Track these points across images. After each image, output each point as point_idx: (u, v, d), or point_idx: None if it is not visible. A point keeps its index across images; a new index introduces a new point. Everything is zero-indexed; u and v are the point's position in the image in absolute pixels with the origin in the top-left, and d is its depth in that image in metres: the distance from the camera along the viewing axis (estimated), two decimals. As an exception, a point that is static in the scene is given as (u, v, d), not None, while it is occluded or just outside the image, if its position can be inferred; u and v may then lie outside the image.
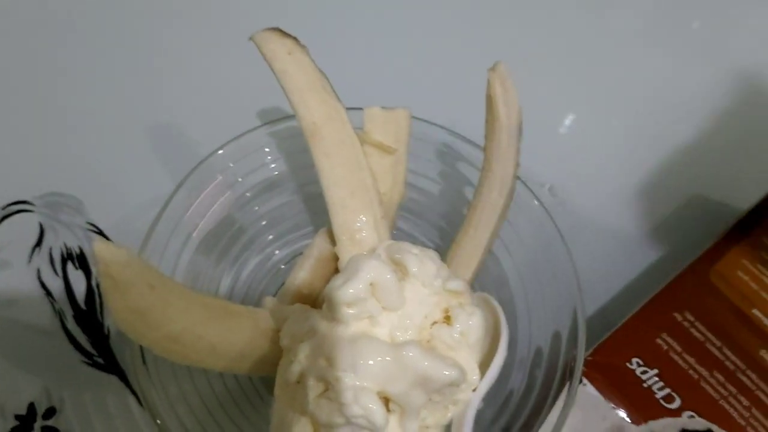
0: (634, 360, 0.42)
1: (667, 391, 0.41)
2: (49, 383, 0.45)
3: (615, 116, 0.60)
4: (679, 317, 0.43)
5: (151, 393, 0.35)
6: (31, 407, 0.44)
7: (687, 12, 0.66)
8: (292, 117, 0.41)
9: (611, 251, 0.53)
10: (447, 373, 0.34)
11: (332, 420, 0.33)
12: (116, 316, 0.33)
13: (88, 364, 0.46)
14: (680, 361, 0.42)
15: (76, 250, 0.50)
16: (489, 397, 0.37)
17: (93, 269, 0.49)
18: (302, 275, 0.42)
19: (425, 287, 0.36)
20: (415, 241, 0.46)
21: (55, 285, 0.48)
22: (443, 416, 0.36)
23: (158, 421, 0.34)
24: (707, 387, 0.41)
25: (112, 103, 0.57)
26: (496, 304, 0.39)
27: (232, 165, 0.43)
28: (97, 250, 0.32)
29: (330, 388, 0.34)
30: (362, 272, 0.34)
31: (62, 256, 0.49)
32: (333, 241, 0.41)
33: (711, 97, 0.60)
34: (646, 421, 0.40)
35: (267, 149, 0.45)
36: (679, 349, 0.42)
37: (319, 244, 0.42)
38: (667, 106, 0.60)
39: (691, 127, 0.59)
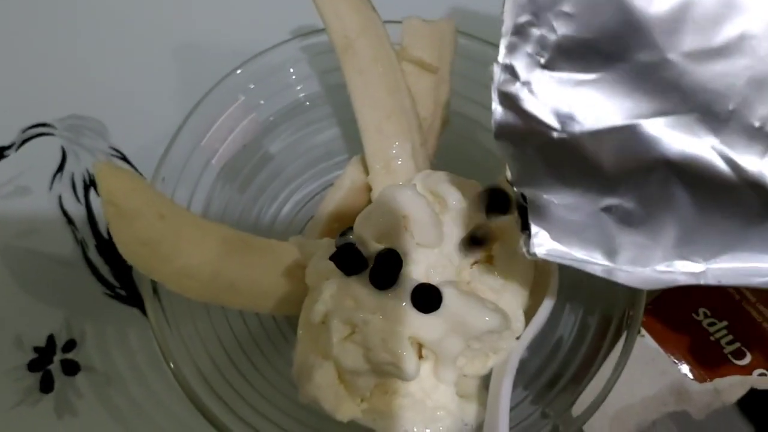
0: (701, 310, 0.38)
1: (737, 345, 0.37)
2: (69, 315, 0.43)
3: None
4: (754, 263, 0.39)
5: (164, 331, 0.33)
6: (51, 339, 0.42)
7: None
8: (321, 31, 0.37)
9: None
10: (487, 318, 0.31)
11: (357, 366, 0.31)
12: (123, 247, 0.30)
13: (110, 296, 0.44)
14: (754, 313, 0.38)
15: (98, 177, 0.47)
16: (534, 346, 0.35)
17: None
18: (332, 206, 0.39)
19: (466, 223, 0.33)
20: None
21: (78, 213, 0.46)
22: (483, 366, 0.33)
23: (171, 365, 0.32)
24: (782, 342, 0.37)
25: (136, 22, 0.53)
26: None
27: (253, 86, 0.40)
28: (99, 173, 0.29)
29: (356, 331, 0.31)
30: (394, 205, 0.31)
31: (84, 182, 0.47)
32: (366, 170, 0.38)
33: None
34: (711, 378, 0.36)
35: (292, 68, 0.41)
36: (753, 299, 0.38)
37: (351, 174, 0.39)
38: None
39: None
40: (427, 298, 0.30)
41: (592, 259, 0.28)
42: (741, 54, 0.24)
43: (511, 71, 0.25)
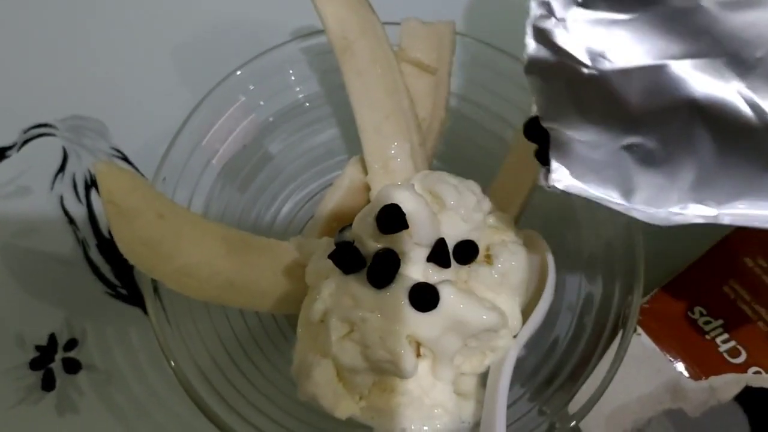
0: (697, 309, 0.38)
1: (732, 343, 0.37)
2: (70, 314, 0.43)
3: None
4: (750, 263, 0.39)
5: (164, 330, 0.33)
6: (52, 338, 0.43)
7: None
8: (320, 32, 0.37)
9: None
10: (485, 317, 0.31)
11: (356, 364, 0.31)
12: (123, 246, 0.31)
13: (111, 295, 0.44)
14: (749, 312, 0.38)
15: (99, 177, 0.48)
16: (532, 345, 0.35)
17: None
18: (331, 207, 0.39)
19: (464, 222, 0.33)
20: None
21: (79, 212, 0.47)
22: (480, 364, 0.33)
23: (171, 363, 0.32)
24: (778, 340, 0.37)
25: (137, 23, 0.54)
26: (543, 242, 0.36)
27: (252, 87, 0.40)
28: (99, 173, 0.29)
29: (355, 329, 0.31)
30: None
31: (86, 182, 0.47)
32: (365, 169, 0.38)
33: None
34: (706, 376, 0.36)
35: (292, 69, 0.41)
36: (748, 298, 0.38)
37: (350, 173, 0.39)
38: None
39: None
40: (425, 297, 0.30)
41: (608, 198, 0.29)
42: None
43: (547, 7, 0.26)
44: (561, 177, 0.29)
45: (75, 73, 0.51)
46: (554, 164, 0.29)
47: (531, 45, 0.26)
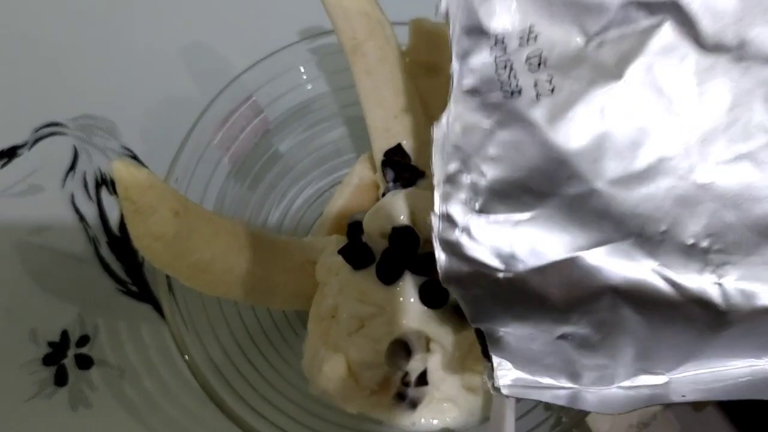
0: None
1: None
2: (83, 311, 0.44)
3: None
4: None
5: (178, 325, 0.33)
6: (65, 335, 0.43)
7: None
8: (330, 33, 0.38)
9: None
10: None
11: (367, 359, 0.31)
12: (138, 242, 0.31)
13: (123, 292, 0.44)
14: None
15: (110, 175, 0.48)
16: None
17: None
18: (341, 204, 0.39)
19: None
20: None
21: (89, 211, 0.47)
22: (489, 359, 0.33)
23: (186, 357, 0.33)
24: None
25: (148, 23, 0.54)
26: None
27: (262, 87, 0.40)
28: (117, 171, 0.30)
29: (365, 325, 0.31)
30: (401, 201, 0.31)
31: (96, 180, 0.48)
32: (374, 167, 0.39)
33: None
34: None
35: (302, 68, 0.42)
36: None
37: (359, 171, 0.40)
38: None
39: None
40: (435, 294, 0.31)
41: (558, 383, 0.28)
42: (663, 175, 0.24)
43: (448, 219, 0.26)
44: (505, 372, 0.27)
45: (86, 72, 0.52)
46: (496, 359, 0.27)
47: (442, 258, 0.26)
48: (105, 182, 0.48)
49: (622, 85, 0.24)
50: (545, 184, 0.25)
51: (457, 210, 0.26)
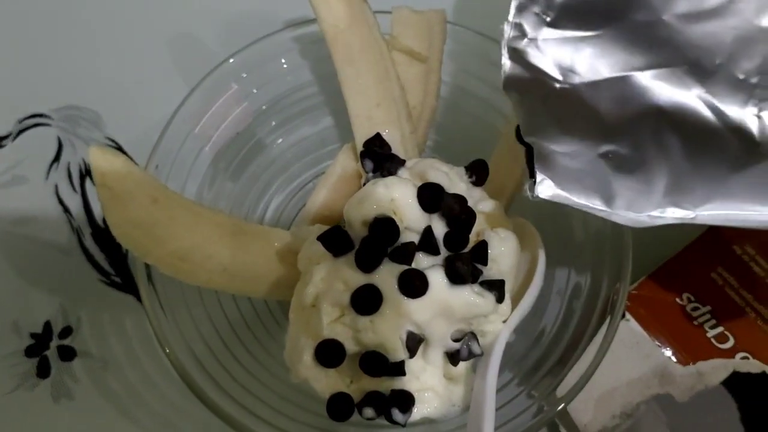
0: (685, 295, 0.39)
1: (720, 329, 0.38)
2: (65, 302, 0.44)
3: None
4: (738, 250, 0.39)
5: (158, 315, 0.33)
6: (47, 326, 0.43)
7: None
8: (312, 21, 0.37)
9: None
10: (474, 302, 0.31)
11: (347, 347, 0.31)
12: (116, 230, 0.31)
13: (106, 283, 0.44)
14: (736, 298, 0.38)
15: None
16: (521, 330, 0.35)
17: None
18: (324, 194, 0.39)
19: (454, 208, 0.33)
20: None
21: (74, 202, 0.47)
22: (470, 348, 0.33)
23: (166, 349, 0.32)
24: (765, 326, 0.37)
25: (130, 13, 0.54)
26: (534, 229, 0.36)
27: (245, 75, 0.40)
28: (93, 157, 0.30)
29: (346, 313, 0.31)
30: (381, 189, 0.31)
31: (80, 172, 0.48)
32: (357, 157, 0.38)
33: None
34: (694, 361, 0.37)
35: (283, 59, 0.41)
36: (735, 284, 0.39)
37: (342, 161, 0.39)
38: None
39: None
40: (414, 284, 0.31)
41: (591, 205, 0.31)
42: (729, 15, 0.26)
43: (519, 29, 0.28)
44: (546, 188, 0.31)
45: (69, 63, 0.51)
46: (539, 176, 0.31)
47: (507, 64, 0.28)
48: (89, 173, 0.48)
49: None
50: (615, 7, 0.27)
51: (529, 20, 0.28)
